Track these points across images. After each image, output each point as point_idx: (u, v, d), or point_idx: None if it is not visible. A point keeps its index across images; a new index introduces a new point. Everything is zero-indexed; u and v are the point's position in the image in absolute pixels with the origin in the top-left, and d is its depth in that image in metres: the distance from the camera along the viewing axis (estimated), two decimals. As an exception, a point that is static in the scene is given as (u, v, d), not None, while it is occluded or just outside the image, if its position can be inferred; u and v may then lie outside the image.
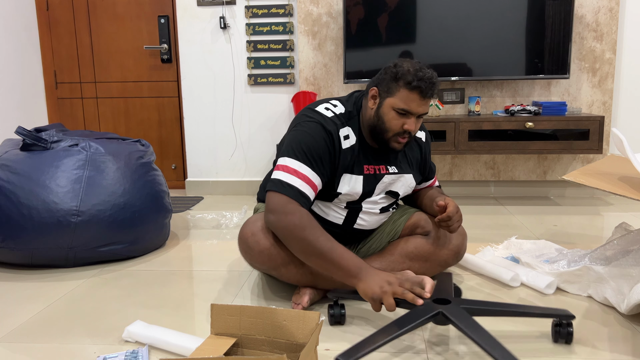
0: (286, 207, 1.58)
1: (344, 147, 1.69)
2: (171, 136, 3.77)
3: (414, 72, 1.61)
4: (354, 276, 1.50)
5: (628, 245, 1.81)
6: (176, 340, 1.45)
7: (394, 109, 1.64)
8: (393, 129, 1.67)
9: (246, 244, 1.72)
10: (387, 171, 1.79)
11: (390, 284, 1.45)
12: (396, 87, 1.63)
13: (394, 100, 1.64)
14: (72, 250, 2.11)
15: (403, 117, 1.65)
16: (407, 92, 1.61)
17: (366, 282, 1.47)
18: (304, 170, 1.62)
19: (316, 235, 1.54)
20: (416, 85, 1.60)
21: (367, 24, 3.14)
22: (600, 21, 3.15)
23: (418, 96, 1.62)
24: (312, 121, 1.68)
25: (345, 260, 1.51)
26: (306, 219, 1.57)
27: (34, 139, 2.20)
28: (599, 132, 2.98)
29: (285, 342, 1.32)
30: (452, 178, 3.41)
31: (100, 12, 3.67)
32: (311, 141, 1.64)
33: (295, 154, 1.64)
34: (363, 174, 1.74)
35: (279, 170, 1.64)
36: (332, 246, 1.53)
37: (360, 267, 1.50)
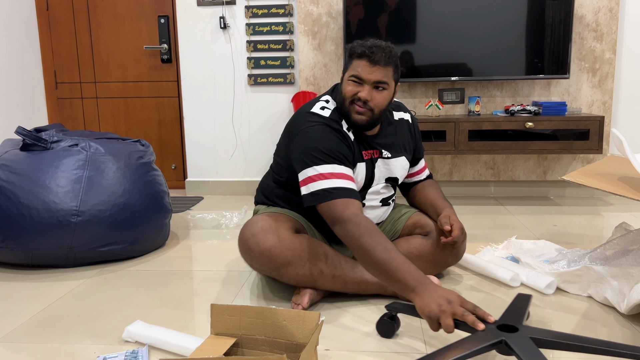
0: (344, 214, 1.55)
1: (352, 139, 1.74)
2: (171, 136, 3.77)
3: (361, 43, 1.68)
4: (411, 290, 1.41)
5: (628, 245, 1.81)
6: (176, 340, 1.45)
7: (348, 79, 1.70)
8: (347, 96, 1.69)
9: (246, 245, 1.72)
10: (381, 155, 1.81)
11: (450, 302, 1.33)
12: (350, 61, 1.71)
13: (348, 73, 1.70)
14: (72, 250, 2.11)
15: (357, 85, 1.69)
16: (357, 61, 1.68)
17: (424, 299, 1.37)
18: (338, 170, 1.63)
19: (373, 245, 1.48)
20: (362, 52, 1.66)
21: (367, 24, 3.14)
22: (600, 21, 3.15)
23: (366, 62, 1.66)
24: (318, 124, 1.69)
25: (403, 273, 1.43)
26: (363, 224, 1.52)
27: (34, 139, 2.20)
28: (599, 132, 2.98)
29: (285, 342, 1.32)
30: (452, 178, 3.41)
31: (100, 12, 3.67)
32: (326, 143, 1.65)
33: (320, 159, 1.63)
34: (364, 159, 1.77)
35: (313, 182, 1.61)
36: (389, 257, 1.46)
37: (419, 282, 1.41)
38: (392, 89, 1.72)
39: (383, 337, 1.53)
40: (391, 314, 1.53)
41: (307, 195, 1.63)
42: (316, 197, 1.60)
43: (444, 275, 2.01)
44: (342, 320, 1.64)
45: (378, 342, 1.50)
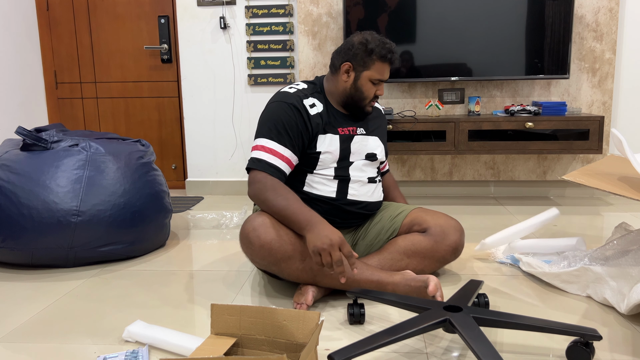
0: (256, 177, 1.77)
1: (312, 113, 1.86)
2: (171, 136, 3.77)
3: (382, 45, 1.84)
4: (303, 228, 1.65)
5: (628, 245, 1.81)
6: (176, 340, 1.45)
7: (370, 80, 1.87)
8: (370, 97, 1.90)
9: (247, 239, 1.73)
10: (356, 132, 1.94)
11: (332, 244, 1.56)
12: (371, 60, 1.85)
13: (370, 73, 1.86)
14: (72, 250, 2.11)
15: (376, 85, 1.89)
16: (381, 64, 1.86)
17: (312, 235, 1.61)
18: (273, 146, 1.80)
19: (275, 195, 1.72)
20: (389, 58, 1.85)
21: (367, 24, 3.14)
22: (600, 21, 3.15)
23: (389, 65, 1.88)
24: (274, 101, 1.86)
25: (297, 214, 1.67)
26: (269, 182, 1.75)
27: (34, 139, 2.20)
28: (598, 132, 2.98)
29: (285, 342, 1.32)
30: (452, 178, 3.42)
31: (100, 12, 3.67)
32: (275, 118, 1.82)
33: (262, 133, 1.83)
34: (338, 134, 1.90)
35: (252, 151, 1.84)
36: (287, 203, 1.70)
37: (309, 220, 1.64)
38: None
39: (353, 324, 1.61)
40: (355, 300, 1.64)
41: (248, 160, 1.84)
42: (249, 163, 1.81)
43: (445, 273, 2.01)
44: (342, 320, 1.64)
45: (397, 350, 1.50)
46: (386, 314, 1.69)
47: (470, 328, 1.32)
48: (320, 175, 1.88)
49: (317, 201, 1.89)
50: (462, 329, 1.31)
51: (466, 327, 1.32)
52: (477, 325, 1.34)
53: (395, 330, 1.33)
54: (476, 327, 1.33)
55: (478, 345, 1.25)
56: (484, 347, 1.24)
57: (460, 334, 1.31)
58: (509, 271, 2.05)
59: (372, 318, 1.66)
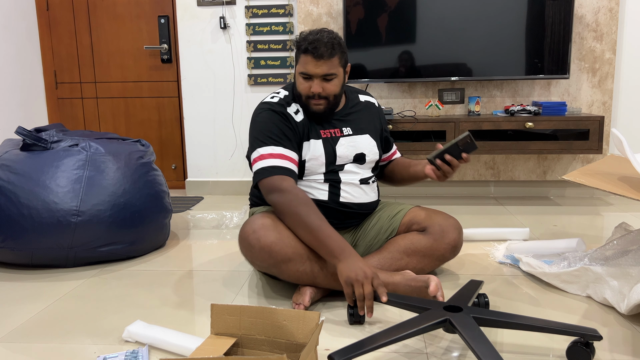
0: (282, 185, 1.70)
1: (297, 120, 1.84)
2: (171, 136, 3.77)
3: (306, 38, 1.76)
4: (336, 257, 1.58)
5: (628, 245, 1.81)
6: (176, 340, 1.45)
7: (299, 74, 1.81)
8: (303, 92, 1.82)
9: (247, 242, 1.73)
10: (342, 133, 1.90)
11: (367, 276, 1.51)
12: (298, 55, 1.81)
13: (298, 67, 1.81)
14: (72, 250, 2.11)
15: (308, 80, 1.79)
16: (303, 56, 1.77)
17: (346, 265, 1.54)
18: (277, 150, 1.77)
19: (309, 212, 1.65)
20: (305, 48, 1.75)
21: (367, 24, 3.14)
22: (600, 21, 3.15)
23: (311, 58, 1.75)
24: (263, 110, 1.84)
25: (332, 240, 1.60)
26: (302, 196, 1.68)
27: (34, 139, 2.20)
28: (598, 132, 2.98)
29: (285, 342, 1.32)
30: (452, 178, 3.41)
31: (100, 12, 3.67)
32: (269, 126, 1.79)
33: (261, 142, 1.78)
34: (321, 137, 1.86)
35: (256, 162, 1.78)
36: (321, 224, 1.62)
37: (343, 250, 1.58)
38: (341, 75, 1.83)
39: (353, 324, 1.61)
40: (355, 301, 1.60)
41: (254, 175, 1.78)
42: (257, 175, 1.75)
43: (445, 273, 2.01)
44: (342, 320, 1.64)
45: (397, 350, 1.50)
46: (385, 315, 1.69)
47: (470, 328, 1.32)
48: (309, 180, 1.87)
49: None
50: (462, 329, 1.32)
51: (466, 327, 1.32)
52: (477, 326, 1.34)
53: (395, 331, 1.33)
54: (476, 327, 1.33)
55: (478, 345, 1.25)
56: (484, 347, 1.24)
57: (460, 334, 1.31)
58: (509, 271, 2.05)
59: (371, 318, 1.66)
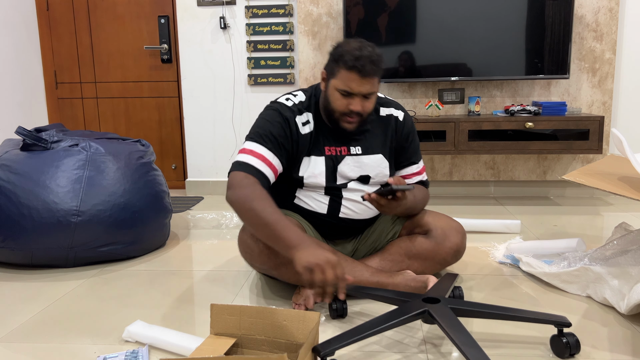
0: (242, 182, 1.61)
1: (302, 132, 1.75)
2: (171, 136, 3.77)
3: (351, 52, 1.61)
4: (293, 247, 1.43)
5: (628, 245, 1.81)
6: (176, 340, 1.45)
7: (337, 89, 1.67)
8: (339, 109, 1.69)
9: (246, 244, 1.72)
10: (349, 152, 1.79)
11: (329, 262, 1.35)
12: (337, 68, 1.65)
13: (336, 82, 1.66)
14: (72, 250, 2.11)
15: (347, 97, 1.67)
16: (346, 72, 1.63)
17: (304, 252, 1.39)
18: (260, 150, 1.68)
19: (263, 206, 1.52)
20: (353, 66, 1.60)
21: (367, 24, 3.14)
22: (600, 21, 3.15)
23: (357, 76, 1.62)
24: (270, 108, 1.76)
25: (288, 232, 1.46)
26: (258, 192, 1.57)
27: (34, 139, 2.20)
28: (598, 132, 2.98)
29: (285, 342, 1.32)
30: (452, 178, 3.41)
31: (100, 12, 3.67)
32: (267, 125, 1.71)
33: (252, 137, 1.71)
34: (324, 154, 1.77)
35: (239, 154, 1.71)
36: (276, 219, 1.50)
37: (302, 241, 1.44)
38: (377, 92, 1.73)
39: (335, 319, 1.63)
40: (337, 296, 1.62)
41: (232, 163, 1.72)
42: (232, 166, 1.68)
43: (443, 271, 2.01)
44: (343, 320, 1.64)
45: (378, 342, 1.50)
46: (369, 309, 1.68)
47: (448, 318, 1.36)
48: (310, 190, 1.81)
49: (309, 215, 1.84)
50: (441, 320, 1.36)
51: (444, 317, 1.37)
52: (455, 316, 1.38)
53: (377, 322, 1.36)
54: (454, 317, 1.37)
55: (456, 334, 1.29)
56: (462, 335, 1.29)
57: (439, 324, 1.35)
58: (509, 271, 2.05)
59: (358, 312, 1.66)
